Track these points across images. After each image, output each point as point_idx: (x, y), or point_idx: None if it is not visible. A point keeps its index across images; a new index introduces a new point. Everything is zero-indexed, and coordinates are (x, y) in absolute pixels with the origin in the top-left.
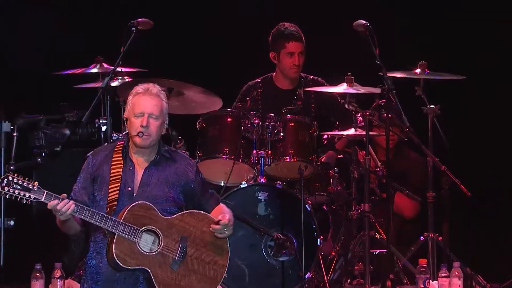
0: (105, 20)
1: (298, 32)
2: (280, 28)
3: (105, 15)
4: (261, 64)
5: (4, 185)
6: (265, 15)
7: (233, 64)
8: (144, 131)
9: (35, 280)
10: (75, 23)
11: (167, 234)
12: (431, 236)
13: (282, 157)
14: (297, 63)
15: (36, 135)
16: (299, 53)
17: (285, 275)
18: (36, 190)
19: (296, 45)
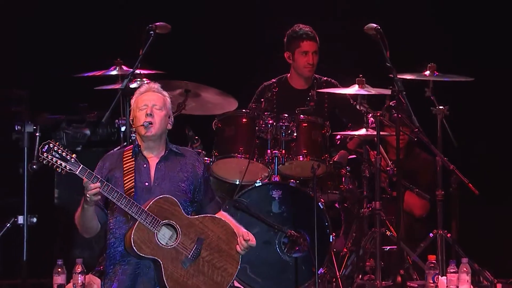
0: (125, 24)
1: (313, 33)
2: (295, 29)
3: (124, 19)
4: (276, 66)
5: (44, 151)
6: (279, 18)
7: (249, 66)
8: (148, 119)
9: (57, 275)
10: (95, 27)
11: (186, 232)
12: (440, 233)
13: (296, 157)
14: (311, 61)
15: (58, 135)
16: (313, 52)
17: (298, 271)
18: (73, 162)
19: (311, 44)
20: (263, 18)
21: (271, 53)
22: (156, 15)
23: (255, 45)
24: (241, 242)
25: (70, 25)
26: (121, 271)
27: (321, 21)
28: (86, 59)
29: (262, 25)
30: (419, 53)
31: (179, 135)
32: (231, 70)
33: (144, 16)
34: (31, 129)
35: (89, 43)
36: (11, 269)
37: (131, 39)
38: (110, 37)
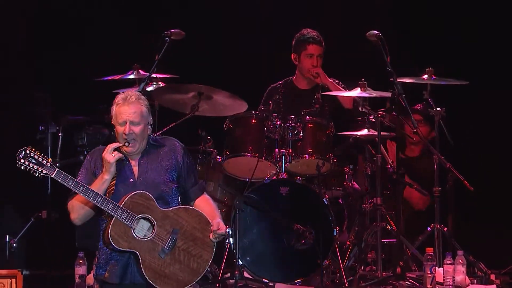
0: (142, 31)
1: (319, 37)
2: (303, 32)
3: (141, 26)
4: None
5: (20, 157)
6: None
7: (258, 70)
8: (128, 138)
9: (78, 266)
10: (114, 34)
11: (161, 224)
12: (437, 227)
13: (302, 155)
14: (316, 64)
15: (79, 135)
16: (317, 56)
17: (304, 263)
18: (48, 167)
19: (316, 48)
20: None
21: (278, 57)
22: (171, 23)
23: (264, 49)
24: (215, 232)
25: (90, 32)
26: (113, 261)
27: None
28: (106, 64)
29: (270, 30)
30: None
31: (193, 135)
32: (241, 75)
33: (159, 23)
34: (54, 129)
35: (108, 49)
36: (36, 261)
37: (147, 45)
38: (128, 43)
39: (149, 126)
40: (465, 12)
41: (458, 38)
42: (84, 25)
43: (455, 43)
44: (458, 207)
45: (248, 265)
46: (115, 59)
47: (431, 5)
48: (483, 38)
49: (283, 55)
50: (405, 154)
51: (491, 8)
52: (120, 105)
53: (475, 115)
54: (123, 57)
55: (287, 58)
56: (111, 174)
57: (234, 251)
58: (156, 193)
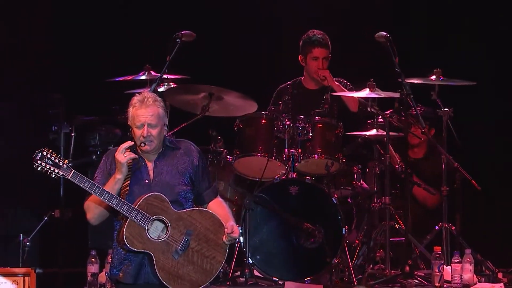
0: (153, 32)
1: (325, 39)
2: (309, 34)
3: (153, 28)
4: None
5: (37, 158)
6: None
7: (267, 71)
8: (146, 140)
9: (90, 265)
10: (126, 36)
11: (175, 225)
12: (445, 226)
13: (311, 155)
14: (321, 66)
15: (91, 135)
16: (323, 58)
17: (313, 261)
18: (65, 168)
19: (321, 51)
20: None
21: (287, 58)
22: (182, 24)
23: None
24: (226, 233)
25: (103, 34)
26: (127, 262)
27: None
28: (118, 65)
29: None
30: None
31: (203, 135)
32: (251, 75)
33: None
34: (67, 129)
35: (120, 50)
36: (49, 259)
37: (159, 46)
38: (139, 44)
39: (165, 127)
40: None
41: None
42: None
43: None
44: (466, 206)
45: (258, 263)
46: (127, 60)
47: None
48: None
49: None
50: (409, 156)
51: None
52: (137, 108)
53: (483, 115)
54: (135, 58)
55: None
56: (123, 174)
57: (244, 249)
58: (171, 195)
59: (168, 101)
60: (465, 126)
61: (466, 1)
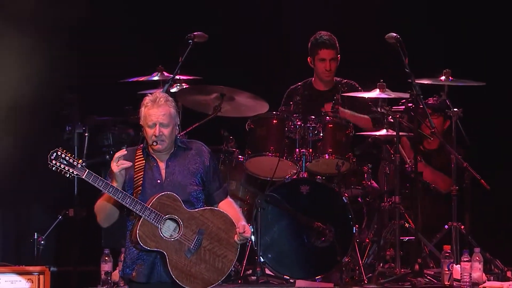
0: (166, 33)
1: (331, 40)
2: (316, 37)
3: (165, 29)
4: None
5: (52, 158)
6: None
7: (278, 71)
8: (158, 139)
9: (104, 263)
10: (139, 37)
11: (187, 224)
12: (454, 225)
13: (322, 155)
14: (328, 68)
15: (104, 135)
16: (330, 60)
17: (324, 260)
18: (79, 168)
19: (328, 52)
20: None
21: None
22: (194, 25)
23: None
24: (237, 233)
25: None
26: (140, 261)
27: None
28: (131, 66)
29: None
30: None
31: (215, 135)
32: (262, 76)
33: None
34: (81, 130)
35: (134, 51)
36: (63, 258)
37: (171, 48)
38: (152, 45)
39: (177, 126)
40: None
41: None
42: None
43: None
44: (475, 206)
45: (270, 262)
46: (140, 61)
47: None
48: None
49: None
50: (423, 147)
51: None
52: (149, 107)
53: (492, 115)
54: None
55: None
56: (119, 182)
57: (256, 248)
58: (182, 195)
59: (180, 102)
60: (474, 126)
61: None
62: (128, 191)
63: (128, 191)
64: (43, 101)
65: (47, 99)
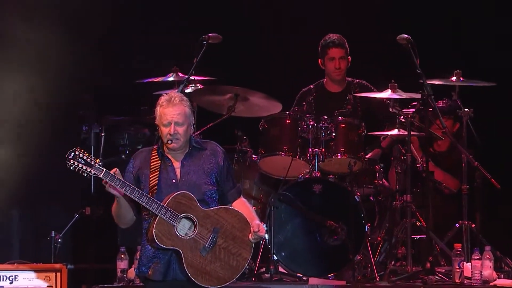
0: (181, 35)
1: (339, 40)
2: (325, 38)
3: (180, 30)
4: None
5: (70, 158)
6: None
7: (291, 72)
8: (173, 138)
9: (120, 261)
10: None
11: (202, 223)
12: (465, 224)
13: (334, 154)
14: (338, 66)
15: (120, 135)
16: (339, 58)
17: (336, 258)
18: (96, 167)
19: (337, 51)
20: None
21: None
22: (209, 27)
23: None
24: (252, 232)
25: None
26: (156, 259)
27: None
28: (146, 66)
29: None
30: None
31: (229, 135)
32: (275, 77)
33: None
34: (97, 129)
35: (149, 52)
36: (79, 255)
37: (186, 49)
38: (167, 47)
39: (192, 126)
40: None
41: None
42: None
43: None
44: (486, 205)
45: (283, 260)
46: (155, 62)
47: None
48: None
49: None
50: (433, 149)
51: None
52: (165, 107)
53: (503, 115)
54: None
55: None
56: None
57: (269, 246)
58: (197, 194)
59: (195, 102)
60: (485, 126)
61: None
62: (144, 190)
63: (144, 190)
64: (60, 102)
65: (65, 99)
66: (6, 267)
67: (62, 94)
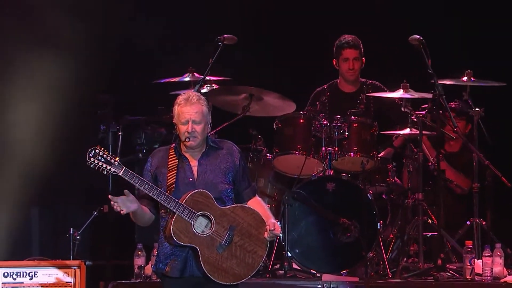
0: (196, 36)
1: (354, 41)
2: (340, 39)
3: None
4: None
5: (90, 156)
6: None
7: (305, 73)
8: (191, 136)
9: (137, 257)
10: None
11: (219, 221)
12: (476, 221)
13: (347, 153)
14: (351, 67)
15: (138, 134)
16: (353, 59)
17: (349, 255)
18: (116, 165)
19: (351, 51)
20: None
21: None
22: (224, 28)
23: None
24: (268, 230)
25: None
26: (173, 257)
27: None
28: (163, 67)
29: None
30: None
31: (244, 134)
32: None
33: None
34: (115, 129)
35: (165, 53)
36: (98, 252)
37: (202, 50)
38: (183, 48)
39: (209, 124)
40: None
41: None
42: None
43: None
44: (496, 202)
45: (297, 257)
46: (171, 63)
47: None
48: None
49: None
50: (445, 150)
51: None
52: (183, 105)
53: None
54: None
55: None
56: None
57: (283, 243)
58: (214, 193)
59: (210, 102)
60: (496, 126)
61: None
62: (162, 189)
63: (162, 189)
64: (79, 102)
65: (83, 99)
66: (26, 264)
67: (80, 94)
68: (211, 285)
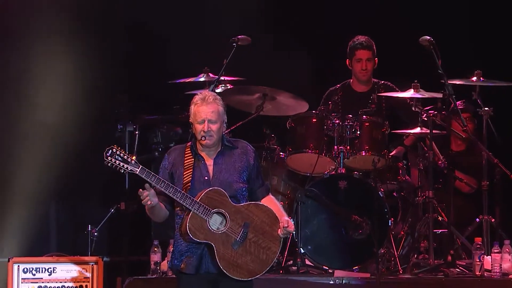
0: (211, 37)
1: (367, 42)
2: (353, 40)
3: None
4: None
5: (108, 155)
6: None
7: (318, 72)
8: (207, 135)
9: (153, 254)
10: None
11: (233, 218)
12: (485, 218)
13: (359, 152)
14: (364, 67)
15: (154, 133)
16: (366, 60)
17: (361, 251)
18: (133, 164)
19: (364, 52)
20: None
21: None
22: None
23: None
24: (281, 227)
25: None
26: (189, 253)
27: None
28: (178, 68)
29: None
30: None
31: (258, 133)
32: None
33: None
34: (131, 128)
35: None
36: (115, 248)
37: (216, 50)
38: (199, 49)
39: (224, 124)
40: None
41: None
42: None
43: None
44: (505, 200)
45: (309, 253)
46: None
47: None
48: None
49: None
50: (451, 149)
51: None
52: (199, 105)
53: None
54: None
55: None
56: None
57: (296, 240)
58: (229, 191)
59: (225, 101)
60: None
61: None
62: (178, 186)
63: (178, 186)
64: (97, 101)
65: (101, 99)
66: (46, 259)
67: (98, 94)
68: (225, 281)
